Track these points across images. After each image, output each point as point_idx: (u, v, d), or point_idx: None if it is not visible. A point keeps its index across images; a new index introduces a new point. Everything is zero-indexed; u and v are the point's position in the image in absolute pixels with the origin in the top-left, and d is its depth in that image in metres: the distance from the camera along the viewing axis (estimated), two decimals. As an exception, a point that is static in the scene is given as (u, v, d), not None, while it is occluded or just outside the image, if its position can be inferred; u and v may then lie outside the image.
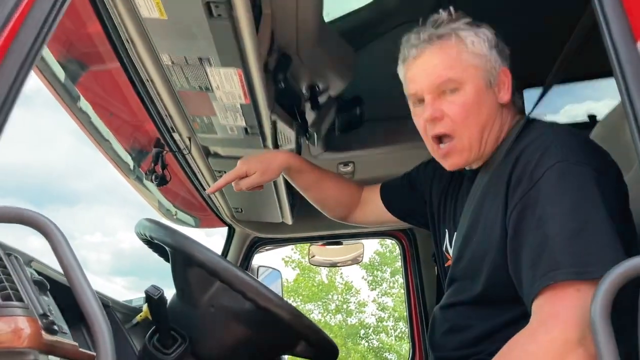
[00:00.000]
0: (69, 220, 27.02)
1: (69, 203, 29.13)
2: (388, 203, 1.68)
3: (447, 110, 1.27)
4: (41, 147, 27.88)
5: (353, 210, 1.76)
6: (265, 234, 2.97)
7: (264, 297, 1.07)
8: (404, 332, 17.50)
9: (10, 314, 0.90)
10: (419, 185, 1.61)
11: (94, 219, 27.96)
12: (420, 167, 1.65)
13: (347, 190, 1.77)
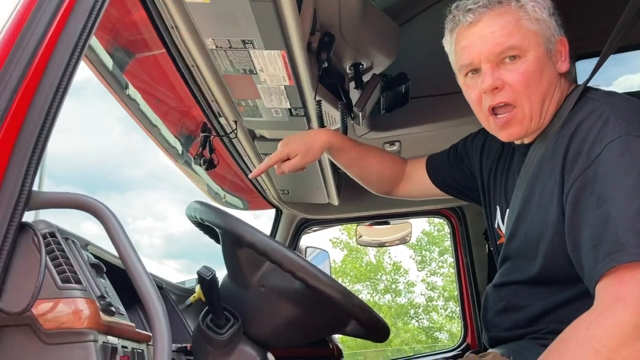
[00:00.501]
0: (122, 206, 27.87)
1: (122, 190, 30.02)
2: (434, 177, 1.65)
3: (507, 79, 1.22)
4: (93, 135, 28.73)
5: (397, 184, 1.73)
6: (312, 215, 2.98)
7: (314, 276, 1.07)
8: (454, 311, 17.38)
9: (70, 295, 0.94)
10: (467, 158, 1.57)
11: (146, 205, 28.74)
12: (467, 140, 1.60)
13: (390, 164, 1.75)
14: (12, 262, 0.95)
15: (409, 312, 17.89)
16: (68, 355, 0.91)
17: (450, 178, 1.61)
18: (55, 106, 1.02)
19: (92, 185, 29.07)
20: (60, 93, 1.03)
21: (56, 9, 1.03)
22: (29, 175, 0.97)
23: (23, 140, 0.97)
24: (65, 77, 1.03)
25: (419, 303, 18.04)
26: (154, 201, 29.76)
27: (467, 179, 1.56)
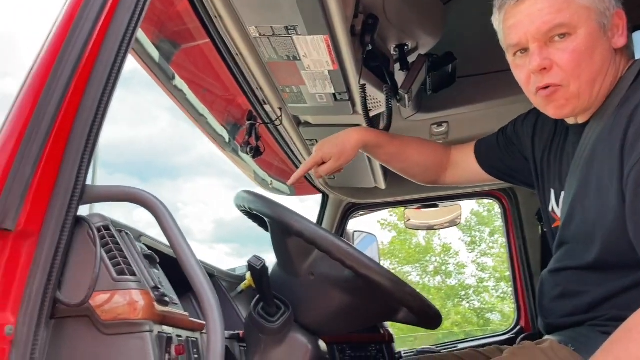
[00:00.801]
0: (173, 193, 28.52)
1: (172, 176, 30.69)
2: (483, 162, 1.60)
3: (556, 59, 1.17)
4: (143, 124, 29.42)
5: (443, 172, 1.69)
6: (359, 199, 2.97)
7: (363, 265, 1.06)
8: (506, 292, 17.12)
9: (125, 287, 0.96)
10: (517, 141, 1.51)
11: (196, 190, 29.32)
12: (517, 122, 1.54)
13: (432, 153, 1.70)
14: (69, 255, 0.97)
15: (460, 293, 17.71)
16: (125, 346, 0.94)
17: (500, 162, 1.56)
18: (105, 101, 1.04)
19: (144, 173, 29.84)
20: (110, 88, 1.05)
21: (102, 5, 1.04)
22: (83, 170, 0.99)
23: (75, 135, 1.00)
24: (113, 72, 1.05)
25: (470, 284, 17.85)
26: (204, 187, 30.32)
27: (518, 162, 1.51)
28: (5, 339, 0.89)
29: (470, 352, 1.43)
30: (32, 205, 0.94)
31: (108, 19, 1.05)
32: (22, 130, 0.94)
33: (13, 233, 0.92)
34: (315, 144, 2.41)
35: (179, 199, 28.01)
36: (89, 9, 1.02)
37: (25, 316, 0.91)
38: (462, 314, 17.19)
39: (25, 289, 0.92)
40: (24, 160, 0.93)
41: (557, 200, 1.28)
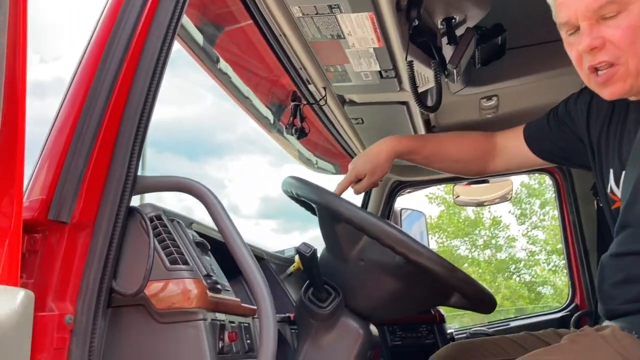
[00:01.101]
0: (219, 171, 28.97)
1: (218, 154, 31.12)
2: (535, 146, 1.52)
3: (609, 37, 1.12)
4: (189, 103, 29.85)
5: (490, 161, 1.62)
6: (406, 177, 2.93)
7: (414, 251, 1.04)
8: (557, 265, 16.77)
9: (179, 276, 0.97)
10: (570, 121, 1.43)
11: (242, 168, 29.68)
12: (569, 101, 1.46)
13: (473, 145, 1.63)
14: (123, 245, 0.99)
15: (510, 267, 17.45)
16: (180, 334, 0.96)
17: (552, 145, 1.48)
18: (153, 90, 1.04)
19: (191, 151, 30.37)
20: (157, 77, 1.05)
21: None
22: (134, 161, 1.00)
23: (125, 127, 1.00)
24: (160, 61, 1.05)
25: (520, 258, 17.54)
26: (249, 164, 30.68)
27: (571, 143, 1.43)
28: (66, 329, 0.91)
29: (525, 335, 1.40)
30: (86, 198, 0.95)
31: (153, 8, 1.05)
32: (73, 124, 0.96)
33: (68, 225, 0.94)
34: (360, 122, 2.39)
35: (225, 176, 28.45)
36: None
37: (84, 305, 0.93)
38: (513, 288, 16.96)
39: (82, 279, 0.94)
40: (76, 154, 0.95)
41: (617, 181, 1.22)
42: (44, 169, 0.96)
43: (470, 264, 17.05)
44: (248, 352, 1.12)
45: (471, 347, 1.40)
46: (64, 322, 0.91)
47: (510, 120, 2.69)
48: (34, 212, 0.92)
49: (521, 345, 1.36)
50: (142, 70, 1.01)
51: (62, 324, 0.91)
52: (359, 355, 1.20)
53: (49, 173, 0.94)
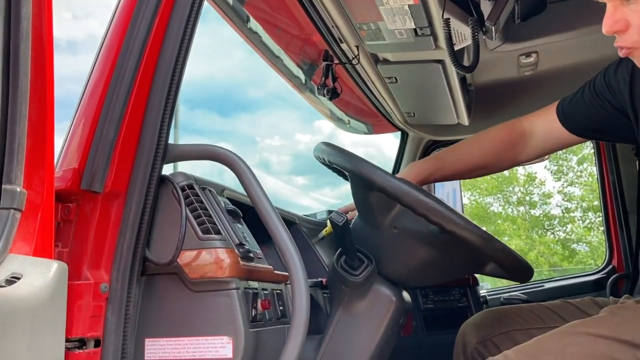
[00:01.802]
0: (251, 127, 29.05)
1: (250, 110, 31.15)
2: (570, 124, 1.43)
3: (632, 20, 1.06)
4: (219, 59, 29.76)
5: (520, 152, 1.53)
6: (440, 136, 2.87)
7: (449, 220, 1.02)
8: (593, 222, 16.51)
9: (211, 246, 0.97)
10: (610, 92, 1.34)
11: (273, 124, 29.71)
12: (608, 72, 1.36)
13: (496, 143, 1.55)
14: (155, 215, 0.99)
15: (544, 224, 17.24)
16: (213, 302, 0.96)
17: (590, 121, 1.40)
18: (182, 56, 1.02)
19: (222, 108, 30.48)
20: (187, 41, 1.03)
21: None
22: (164, 129, 0.99)
23: (155, 95, 0.99)
24: (190, 22, 1.02)
25: (555, 215, 17.30)
26: (280, 120, 30.65)
27: (611, 117, 1.34)
28: (101, 296, 0.93)
29: (562, 304, 1.37)
30: (118, 167, 0.95)
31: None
32: (102, 93, 0.94)
33: (101, 195, 0.94)
34: (394, 82, 2.33)
35: (257, 132, 28.51)
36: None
37: (118, 274, 0.94)
38: (547, 245, 16.80)
39: (116, 248, 0.95)
40: (106, 123, 0.94)
41: None
42: (75, 138, 0.96)
43: (503, 220, 16.91)
44: (281, 319, 1.12)
45: (506, 315, 1.38)
46: (99, 290, 0.92)
47: (549, 78, 2.62)
48: (67, 183, 0.92)
49: (558, 314, 1.34)
50: (172, 35, 0.99)
51: (98, 292, 0.92)
52: (392, 321, 1.19)
53: (80, 143, 0.94)
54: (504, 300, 2.05)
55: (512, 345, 1.33)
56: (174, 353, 0.96)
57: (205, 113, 28.19)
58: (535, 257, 15.87)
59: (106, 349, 0.92)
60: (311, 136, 26.32)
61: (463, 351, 1.38)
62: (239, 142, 29.05)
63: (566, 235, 17.13)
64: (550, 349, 0.97)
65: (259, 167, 23.94)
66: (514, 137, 1.54)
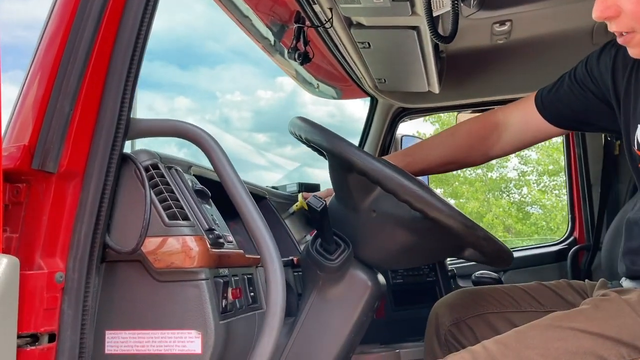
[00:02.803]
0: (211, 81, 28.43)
1: (210, 64, 30.43)
2: (550, 114, 1.38)
3: (623, 5, 1.02)
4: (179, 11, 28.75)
5: (493, 145, 1.46)
6: (410, 104, 2.82)
7: (434, 207, 0.96)
8: (547, 185, 16.98)
9: (178, 233, 0.89)
10: (593, 81, 1.30)
11: (234, 79, 29.14)
12: (590, 61, 1.31)
13: (466, 138, 1.48)
14: (116, 197, 0.91)
15: (501, 186, 17.62)
16: (181, 294, 0.89)
17: (570, 110, 1.34)
18: (148, 17, 0.92)
19: (182, 60, 29.64)
20: (152, 3, 0.92)
21: None
22: (126, 102, 0.90)
23: (116, 63, 0.89)
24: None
25: (511, 177, 17.70)
26: (241, 75, 30.04)
27: (592, 106, 1.30)
28: (56, 287, 0.84)
29: (537, 286, 1.35)
30: (74, 144, 0.86)
31: None
32: (56, 61, 0.84)
33: (55, 175, 0.85)
34: (367, 47, 2.25)
35: (217, 87, 27.96)
36: None
37: (75, 262, 0.86)
38: (503, 207, 17.22)
39: (72, 234, 0.86)
40: (61, 95, 0.84)
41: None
42: (24, 111, 0.86)
43: (462, 182, 17.20)
44: (252, 305, 1.06)
45: (480, 296, 1.35)
46: (54, 280, 0.84)
47: (521, 47, 2.58)
48: (15, 161, 0.82)
49: (534, 297, 1.32)
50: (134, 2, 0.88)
51: (52, 283, 0.84)
52: (367, 306, 1.15)
53: (31, 116, 0.84)
54: (475, 278, 2.05)
55: (486, 328, 1.31)
56: (137, 347, 0.89)
57: (164, 65, 27.37)
58: (491, 219, 16.26)
59: (62, 344, 0.84)
60: (273, 93, 25.94)
61: (436, 332, 1.36)
62: (198, 96, 28.44)
63: (521, 197, 17.59)
64: (532, 344, 0.94)
65: (219, 124, 23.52)
66: (487, 129, 1.47)
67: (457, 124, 1.68)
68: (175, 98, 27.56)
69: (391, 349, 1.71)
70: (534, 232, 16.26)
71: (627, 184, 2.52)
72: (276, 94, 25.60)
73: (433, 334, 1.36)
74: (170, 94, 28.51)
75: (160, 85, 28.03)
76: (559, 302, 1.30)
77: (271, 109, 25.11)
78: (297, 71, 2.69)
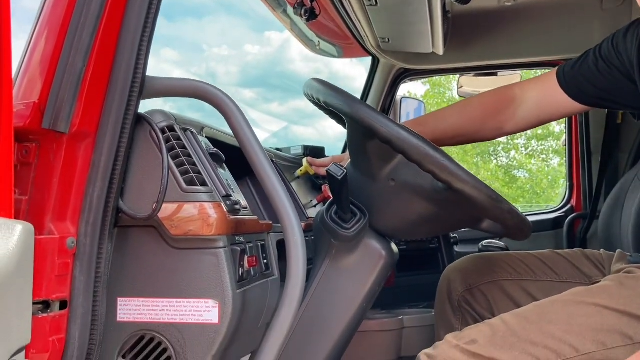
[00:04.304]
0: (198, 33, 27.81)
1: (197, 15, 29.74)
2: (574, 91, 1.34)
3: None
4: (167, -43, 27.80)
5: (508, 120, 1.42)
6: (412, 65, 2.75)
7: (460, 179, 0.93)
8: (535, 149, 17.06)
9: (196, 199, 0.85)
10: (619, 58, 1.26)
11: (222, 31, 28.55)
12: (616, 37, 1.27)
13: (480, 111, 1.44)
14: (130, 160, 0.86)
15: (489, 150, 17.67)
16: (198, 262, 0.86)
17: (593, 87, 1.31)
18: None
19: (168, 11, 28.93)
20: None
21: None
22: (142, 59, 0.84)
23: (131, 18, 0.83)
24: None
25: (500, 141, 17.72)
26: (229, 28, 29.44)
27: (617, 83, 1.26)
28: (68, 253, 0.81)
29: (551, 254, 1.34)
30: (86, 103, 0.81)
31: None
32: (67, 14, 0.78)
33: (67, 135, 0.80)
34: (374, 4, 2.17)
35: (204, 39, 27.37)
36: None
37: (87, 227, 0.82)
38: (491, 171, 17.31)
39: (84, 197, 0.82)
40: (73, 50, 0.78)
41: None
42: (33, 66, 0.80)
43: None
44: (265, 272, 1.03)
45: (494, 262, 1.34)
46: (65, 245, 0.80)
47: (527, 11, 2.51)
48: (25, 120, 0.77)
49: (549, 266, 1.30)
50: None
51: (64, 248, 0.80)
52: (380, 277, 1.13)
53: (41, 73, 0.78)
54: (482, 247, 2.04)
55: (501, 294, 1.30)
56: (151, 315, 0.86)
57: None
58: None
59: (74, 311, 0.81)
60: (261, 47, 25.51)
61: (448, 298, 1.35)
62: (184, 48, 27.87)
63: (509, 161, 17.67)
64: (555, 319, 0.93)
65: (205, 78, 23.12)
66: (502, 103, 1.43)
67: (471, 97, 1.63)
68: (161, 50, 27.00)
69: (394, 315, 1.71)
70: (520, 196, 16.41)
71: (628, 153, 2.51)
72: (264, 48, 25.18)
73: (445, 299, 1.35)
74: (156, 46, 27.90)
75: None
76: (575, 273, 1.29)
77: (259, 64, 24.74)
78: (300, 29, 2.60)
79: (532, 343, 0.91)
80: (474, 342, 0.94)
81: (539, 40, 2.63)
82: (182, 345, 0.85)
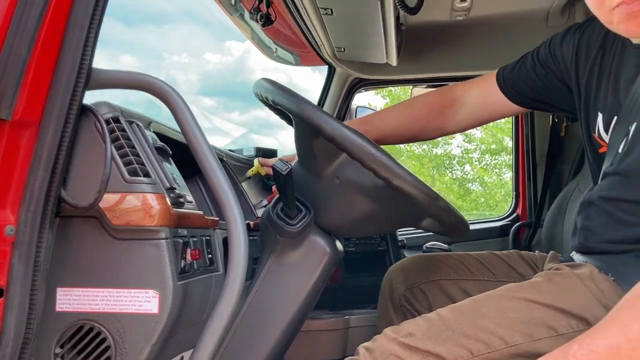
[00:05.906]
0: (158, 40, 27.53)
1: (157, 23, 29.45)
2: (511, 92, 1.39)
3: None
4: (127, -37, 27.52)
5: (450, 119, 1.47)
6: (367, 74, 2.81)
7: (399, 177, 0.97)
8: (488, 164, 17.47)
9: (139, 190, 0.86)
10: (555, 63, 1.31)
11: (182, 40, 28.33)
12: (553, 43, 1.32)
13: (424, 111, 1.49)
14: (74, 150, 0.86)
15: (445, 163, 18.00)
16: (139, 252, 0.86)
17: (531, 90, 1.36)
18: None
19: (129, 18, 28.56)
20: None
21: None
22: (89, 49, 0.85)
23: (79, 5, 0.84)
24: None
25: (455, 155, 18.10)
26: (190, 36, 29.24)
27: (553, 87, 1.32)
28: (6, 240, 0.80)
29: (489, 255, 1.39)
30: (30, 91, 0.81)
31: None
32: (11, 1, 0.78)
33: (9, 123, 0.80)
34: (329, 13, 2.22)
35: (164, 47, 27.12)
36: None
37: (28, 215, 0.82)
38: (446, 183, 17.63)
39: (25, 185, 0.82)
40: (17, 37, 0.78)
41: (607, 126, 1.14)
42: (-24, 52, 0.79)
43: (409, 157, 17.48)
44: (209, 267, 1.05)
45: (434, 262, 1.38)
46: (4, 233, 0.80)
47: (479, 25, 2.60)
48: (-35, 105, 0.77)
49: (486, 267, 1.35)
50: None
51: (2, 236, 0.80)
52: (324, 273, 1.15)
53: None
54: (426, 249, 2.09)
55: (440, 293, 1.35)
56: (91, 305, 0.87)
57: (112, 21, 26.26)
58: (434, 195, 16.58)
59: (10, 300, 0.80)
60: (221, 56, 25.39)
61: (390, 297, 1.38)
62: (144, 55, 27.53)
63: (463, 174, 18.04)
64: (487, 312, 0.97)
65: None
66: (445, 103, 1.48)
67: (415, 97, 1.67)
68: (120, 56, 26.59)
69: (340, 315, 1.74)
70: (473, 209, 16.75)
71: (570, 164, 2.61)
72: (224, 57, 25.08)
73: (387, 298, 1.39)
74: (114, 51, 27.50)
75: (103, 41, 26.87)
76: (510, 273, 1.34)
77: (219, 73, 24.61)
78: (256, 34, 2.63)
79: (465, 336, 0.95)
80: (411, 335, 0.97)
81: (489, 54, 2.72)
82: (121, 334, 0.86)
